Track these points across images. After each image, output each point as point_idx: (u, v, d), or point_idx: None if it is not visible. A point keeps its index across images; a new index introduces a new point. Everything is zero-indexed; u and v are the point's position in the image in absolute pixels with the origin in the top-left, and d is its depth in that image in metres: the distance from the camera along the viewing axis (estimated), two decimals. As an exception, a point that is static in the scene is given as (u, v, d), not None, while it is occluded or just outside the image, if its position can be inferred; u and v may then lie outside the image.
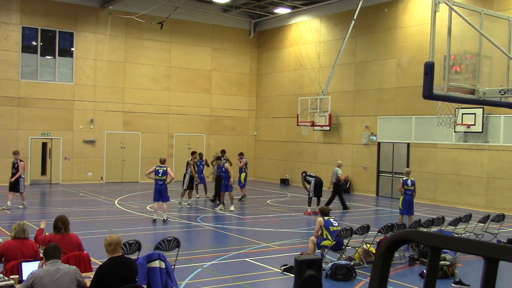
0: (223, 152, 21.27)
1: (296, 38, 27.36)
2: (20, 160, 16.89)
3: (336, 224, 10.50)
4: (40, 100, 24.10)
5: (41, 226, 8.18)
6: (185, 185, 18.34)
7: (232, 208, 17.52)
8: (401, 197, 14.44)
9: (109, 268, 5.93)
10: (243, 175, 20.22)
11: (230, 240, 12.98)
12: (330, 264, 9.62)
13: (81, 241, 7.51)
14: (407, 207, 14.38)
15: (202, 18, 27.97)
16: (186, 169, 18.68)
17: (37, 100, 24.06)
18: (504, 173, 18.79)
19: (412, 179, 14.77)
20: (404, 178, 14.62)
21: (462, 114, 18.38)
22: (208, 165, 20.70)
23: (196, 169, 19.28)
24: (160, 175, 15.10)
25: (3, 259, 6.94)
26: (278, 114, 28.61)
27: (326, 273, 9.40)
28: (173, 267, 7.64)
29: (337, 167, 18.47)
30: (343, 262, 9.84)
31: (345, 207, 18.38)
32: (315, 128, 23.47)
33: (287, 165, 27.91)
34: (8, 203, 16.56)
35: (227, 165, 17.83)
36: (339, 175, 18.25)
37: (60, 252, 5.82)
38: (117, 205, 18.36)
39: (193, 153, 19.58)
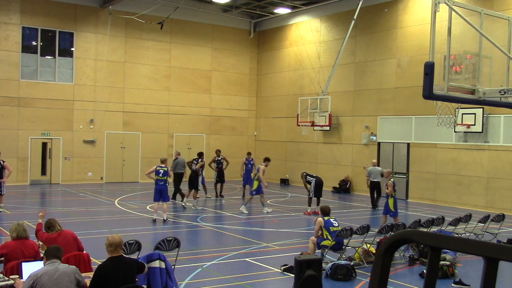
0: (218, 151, 21.34)
1: (296, 38, 27.36)
2: (3, 161, 16.55)
3: (336, 224, 10.48)
4: (40, 100, 24.10)
5: (40, 217, 8.19)
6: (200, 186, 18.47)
7: (268, 209, 17.55)
8: (392, 200, 14.36)
9: (108, 268, 5.94)
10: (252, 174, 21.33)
11: (230, 240, 12.98)
12: (330, 264, 9.62)
13: (76, 235, 7.64)
14: (397, 209, 14.41)
15: (202, 18, 27.96)
16: (201, 172, 18.70)
17: (37, 100, 24.06)
18: (504, 173, 18.79)
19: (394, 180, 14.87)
20: (392, 180, 14.59)
21: (462, 114, 18.37)
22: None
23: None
24: (161, 175, 15.10)
25: (3, 259, 6.94)
26: (278, 114, 28.60)
27: (326, 273, 9.40)
28: (173, 267, 7.65)
29: (376, 166, 19.00)
30: (343, 262, 9.84)
31: (374, 206, 18.99)
32: (315, 128, 23.48)
33: (287, 165, 27.91)
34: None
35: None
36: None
37: (62, 254, 5.85)
38: (117, 205, 18.36)
39: (201, 154, 19.41)
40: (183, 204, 17.93)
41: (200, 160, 18.81)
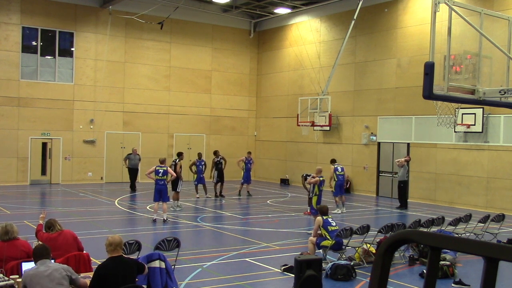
0: (216, 152, 21.23)
1: (296, 38, 27.36)
2: None
3: (334, 224, 10.58)
4: (40, 100, 24.10)
5: (40, 218, 8.21)
6: (179, 188, 17.47)
7: (344, 210, 17.87)
8: (315, 197, 14.21)
9: (108, 267, 5.95)
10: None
11: (230, 240, 12.98)
12: (330, 264, 9.62)
13: (76, 235, 7.68)
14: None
15: (202, 18, 27.96)
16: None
17: (37, 100, 24.05)
18: (504, 173, 18.79)
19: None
20: (322, 178, 14.54)
21: (462, 114, 18.37)
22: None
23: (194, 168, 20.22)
24: (160, 175, 15.12)
25: None
26: (278, 114, 28.60)
27: (326, 273, 9.40)
28: (173, 267, 7.65)
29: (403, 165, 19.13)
30: (343, 262, 9.85)
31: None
32: (315, 128, 23.47)
33: (287, 165, 27.90)
34: None
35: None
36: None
37: (49, 252, 5.86)
38: (117, 205, 18.36)
39: (180, 154, 18.42)
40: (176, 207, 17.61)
41: (178, 160, 17.90)
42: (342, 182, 18.14)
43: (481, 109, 18.18)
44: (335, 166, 18.45)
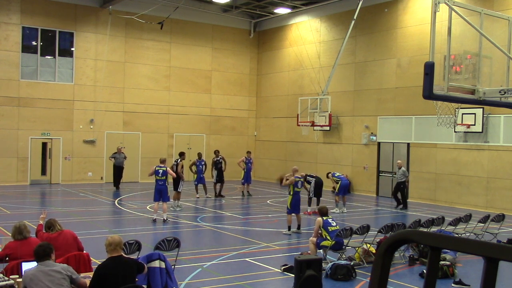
0: (216, 152, 21.26)
1: (296, 38, 27.35)
2: None
3: (335, 224, 10.58)
4: (40, 100, 24.10)
5: (41, 218, 8.24)
6: (180, 188, 17.51)
7: (344, 210, 17.95)
8: (290, 197, 13.96)
9: (108, 267, 5.95)
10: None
11: (230, 240, 12.97)
12: (330, 264, 9.62)
13: (76, 235, 7.70)
14: (293, 207, 14.07)
15: (202, 18, 27.96)
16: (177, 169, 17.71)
17: (37, 100, 24.05)
18: (504, 173, 18.79)
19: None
20: (298, 179, 14.46)
21: (462, 114, 18.37)
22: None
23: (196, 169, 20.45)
24: (160, 175, 15.11)
25: (7, 259, 6.98)
26: (278, 114, 28.60)
27: (326, 273, 9.40)
28: (173, 267, 7.65)
29: (402, 167, 19.23)
30: (343, 262, 9.85)
31: (400, 204, 19.38)
32: (315, 128, 23.47)
33: (287, 165, 27.84)
34: None
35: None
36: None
37: (49, 251, 5.84)
38: (117, 205, 18.36)
39: (182, 154, 18.41)
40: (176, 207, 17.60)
41: (180, 160, 17.83)
42: (346, 181, 18.19)
43: (481, 109, 18.18)
44: (332, 173, 18.70)
